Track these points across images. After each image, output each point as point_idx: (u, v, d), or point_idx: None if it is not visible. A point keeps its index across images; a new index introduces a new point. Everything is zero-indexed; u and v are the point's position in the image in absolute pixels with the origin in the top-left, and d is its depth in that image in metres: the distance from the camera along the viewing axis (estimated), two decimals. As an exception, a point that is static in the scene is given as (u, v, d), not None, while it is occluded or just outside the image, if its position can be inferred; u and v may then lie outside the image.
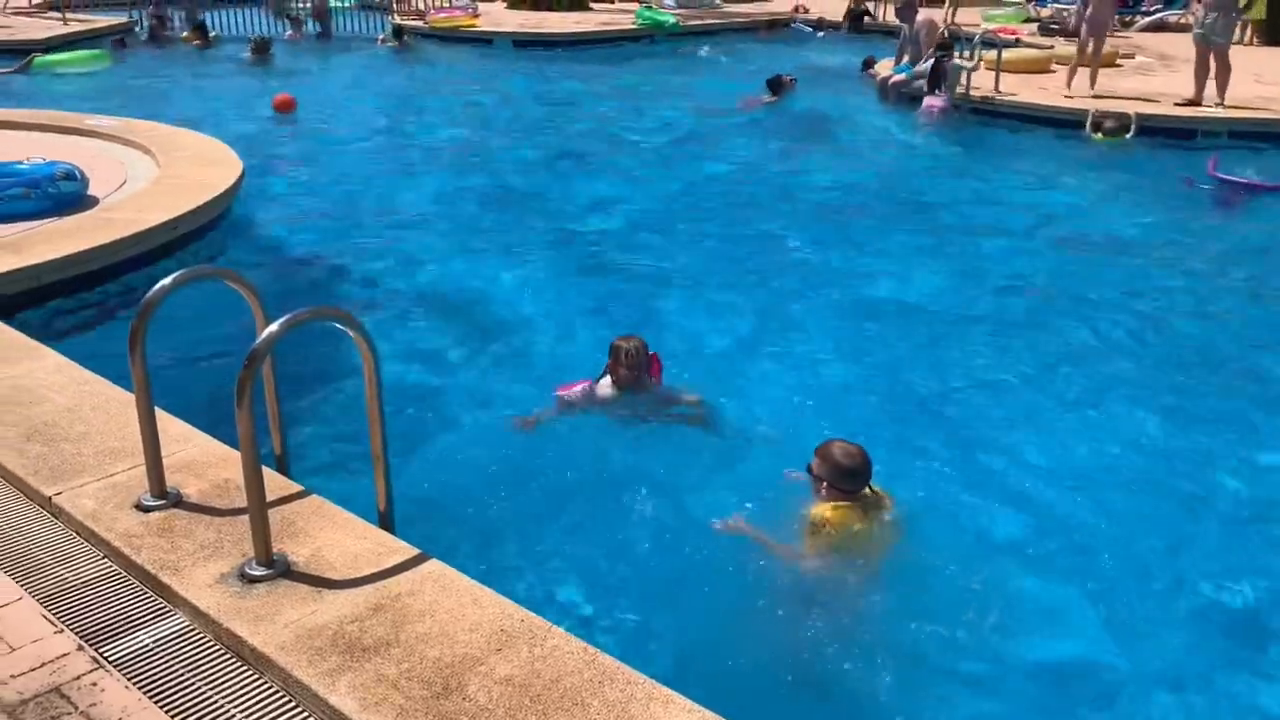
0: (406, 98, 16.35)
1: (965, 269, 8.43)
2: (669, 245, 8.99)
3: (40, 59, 17.29)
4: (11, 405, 4.36)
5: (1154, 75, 15.88)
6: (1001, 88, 14.13)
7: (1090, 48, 14.00)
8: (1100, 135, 12.60)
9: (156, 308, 3.45)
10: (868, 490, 4.41)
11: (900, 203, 10.43)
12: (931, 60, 14.18)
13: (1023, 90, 14.40)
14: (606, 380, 5.53)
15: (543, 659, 2.83)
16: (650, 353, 5.58)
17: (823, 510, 4.32)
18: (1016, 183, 11.26)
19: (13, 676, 2.85)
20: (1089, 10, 14.02)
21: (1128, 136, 12.52)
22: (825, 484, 4.36)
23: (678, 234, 9.35)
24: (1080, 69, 14.02)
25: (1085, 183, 11.30)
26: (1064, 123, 13.24)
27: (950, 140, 13.43)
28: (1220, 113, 12.82)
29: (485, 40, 21.68)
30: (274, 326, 3.11)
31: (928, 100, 14.08)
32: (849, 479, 4.36)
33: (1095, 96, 13.63)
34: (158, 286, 3.44)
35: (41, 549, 3.45)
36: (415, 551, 3.33)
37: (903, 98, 14.92)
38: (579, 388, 5.57)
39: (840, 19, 23.90)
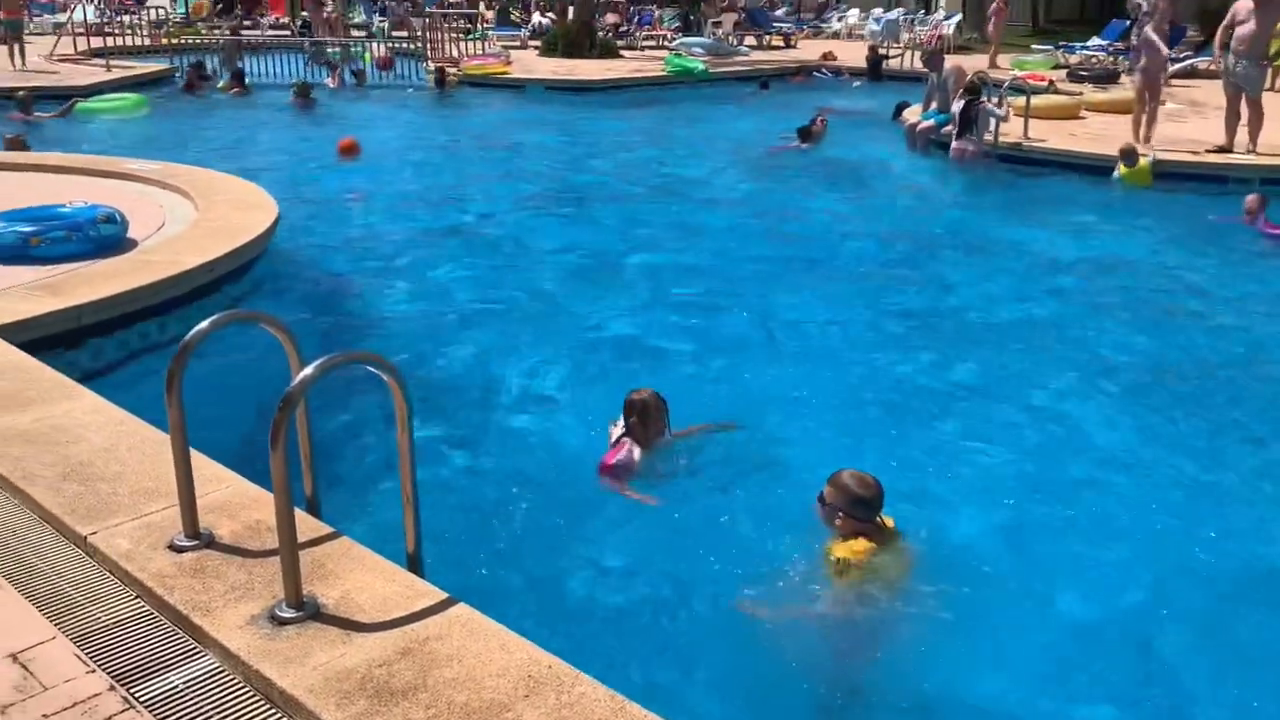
0: (446, 143, 16.58)
1: (992, 313, 8.42)
2: (701, 288, 9.04)
3: (82, 104, 17.69)
4: (49, 444, 4.43)
5: (1185, 121, 15.86)
6: (1031, 134, 14.16)
7: (1146, 97, 13.97)
8: (1124, 169, 12.57)
9: (194, 350, 3.50)
10: (879, 518, 4.43)
11: (928, 248, 10.43)
12: (961, 104, 14.25)
13: (1052, 136, 14.42)
14: (628, 443, 5.33)
15: (570, 706, 2.82)
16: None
17: (845, 548, 4.32)
18: (1046, 228, 11.23)
19: (45, 716, 2.87)
20: (1141, 60, 14.07)
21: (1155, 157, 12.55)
22: (842, 513, 4.36)
23: (710, 276, 9.40)
24: (1141, 118, 13.99)
25: (1115, 229, 11.27)
26: (1094, 168, 13.24)
27: (978, 186, 13.46)
28: (1252, 159, 12.77)
29: (517, 86, 21.98)
30: (309, 370, 3.15)
31: (956, 144, 14.12)
32: (864, 506, 4.38)
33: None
34: (195, 330, 3.50)
35: (76, 588, 3.49)
36: (444, 595, 3.34)
37: (930, 144, 14.97)
38: (621, 456, 5.32)
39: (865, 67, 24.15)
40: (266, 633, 3.15)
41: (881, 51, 25.10)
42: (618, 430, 5.43)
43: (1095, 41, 25.27)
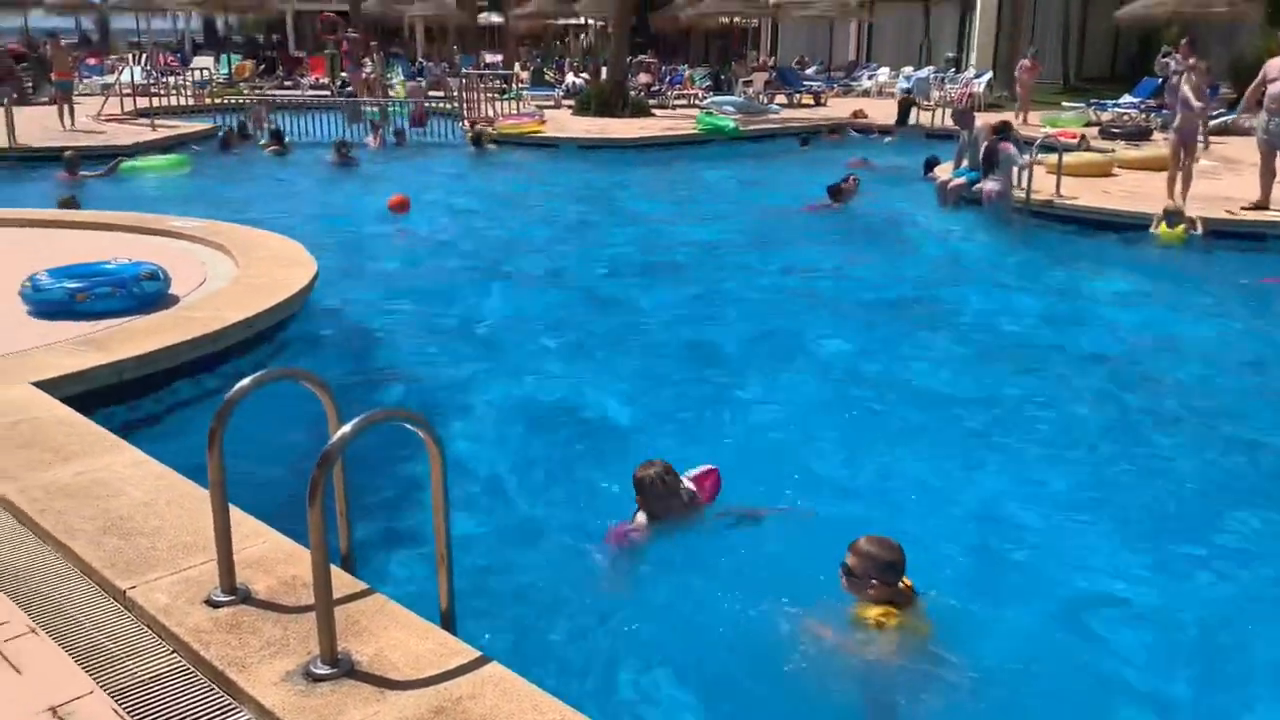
0: (483, 200, 16.79)
1: (1025, 375, 8.36)
2: (735, 349, 9.06)
3: (126, 163, 18.12)
4: (91, 498, 4.50)
5: (1220, 179, 15.82)
6: (1063, 191, 14.17)
7: (1182, 155, 13.96)
8: (1165, 229, 12.52)
9: (235, 407, 3.56)
10: (902, 582, 4.43)
11: (956, 307, 10.42)
12: (985, 145, 14.28)
13: (1085, 193, 14.42)
14: (641, 516, 5.29)
15: (603, 767, 2.81)
16: (702, 470, 5.41)
17: (879, 610, 4.30)
18: (1083, 287, 11.20)
19: (82, 770, 2.90)
20: (1176, 118, 14.10)
21: (1195, 233, 12.46)
22: (875, 580, 4.34)
23: (741, 335, 9.43)
24: (1176, 177, 13.97)
25: (1151, 287, 11.22)
26: (1127, 226, 13.21)
27: (1010, 244, 13.45)
28: (1288, 217, 12.72)
29: (551, 145, 22.30)
30: (347, 428, 3.20)
31: (986, 188, 14.14)
32: (894, 570, 4.39)
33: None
34: (237, 387, 3.56)
35: (114, 642, 3.53)
36: (477, 654, 3.35)
37: (962, 201, 15.01)
38: (627, 530, 5.26)
39: (894, 124, 24.31)
40: (301, 689, 3.16)
41: (913, 98, 25.29)
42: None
43: (1127, 99, 25.33)
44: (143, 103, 24.81)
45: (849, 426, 7.23)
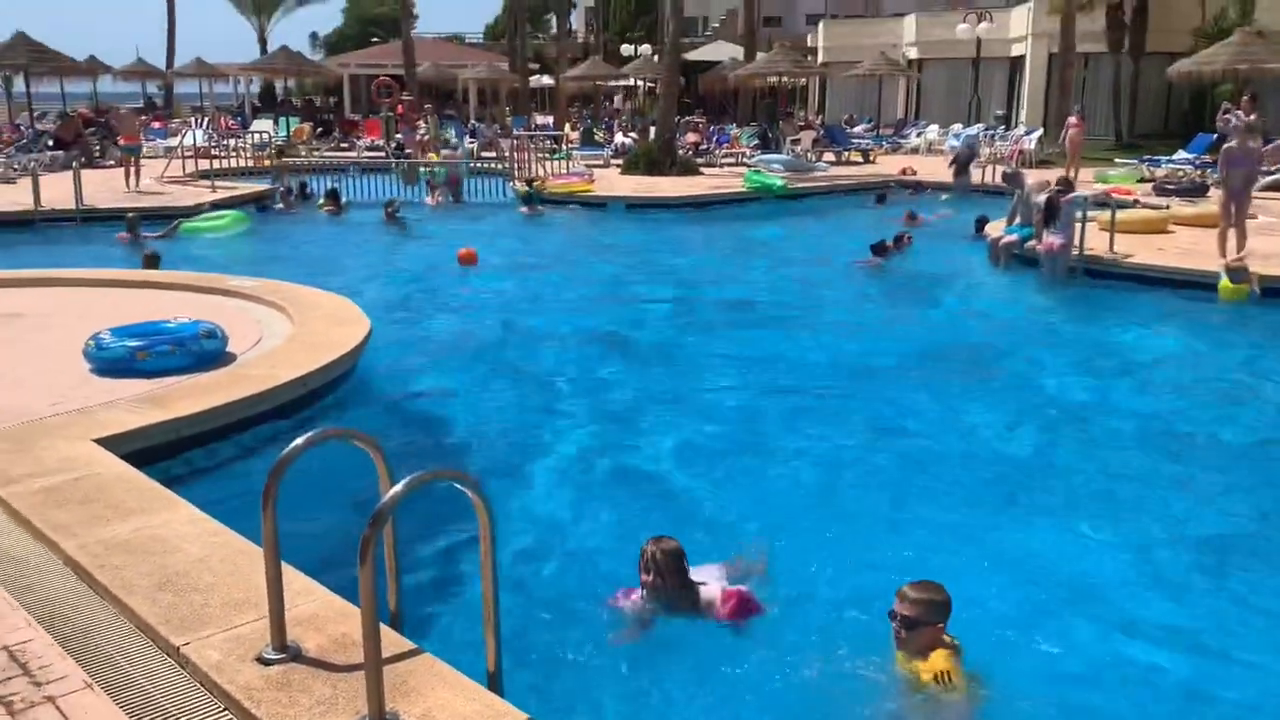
0: (534, 260, 16.99)
1: (1080, 439, 8.23)
2: (780, 406, 9.05)
3: (186, 224, 18.60)
4: (147, 554, 4.57)
5: (1277, 235, 15.59)
6: (1117, 249, 14.05)
7: (1232, 211, 13.80)
8: (1229, 284, 12.32)
9: (290, 466, 3.62)
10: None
11: (1011, 368, 10.31)
12: (1044, 197, 14.17)
13: (1140, 251, 14.27)
14: (638, 592, 5.02)
15: (650, 835, 2.77)
16: (729, 590, 4.98)
17: (939, 658, 4.25)
18: (1138, 346, 11.05)
19: (134, 828, 2.92)
20: (1224, 173, 13.99)
21: (1255, 291, 12.26)
22: (936, 623, 4.30)
23: (786, 395, 9.41)
24: (1228, 233, 13.81)
25: (1211, 345, 11.03)
26: (1184, 283, 13.03)
27: (1064, 303, 13.32)
28: (1350, 273, 12.48)
29: (600, 204, 22.56)
30: (399, 487, 3.24)
31: (1045, 241, 14.02)
32: (948, 611, 4.37)
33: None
34: (291, 446, 3.62)
35: (168, 698, 3.57)
36: (524, 717, 3.33)
37: (1014, 259, 14.92)
38: (628, 600, 5.03)
39: (950, 178, 24.22)
40: (349, 750, 3.17)
41: (974, 151, 25.16)
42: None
43: (1181, 155, 25.13)
44: (204, 164, 25.53)
45: (892, 484, 7.16)
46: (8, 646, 3.92)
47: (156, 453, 6.44)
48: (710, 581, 5.06)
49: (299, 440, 3.68)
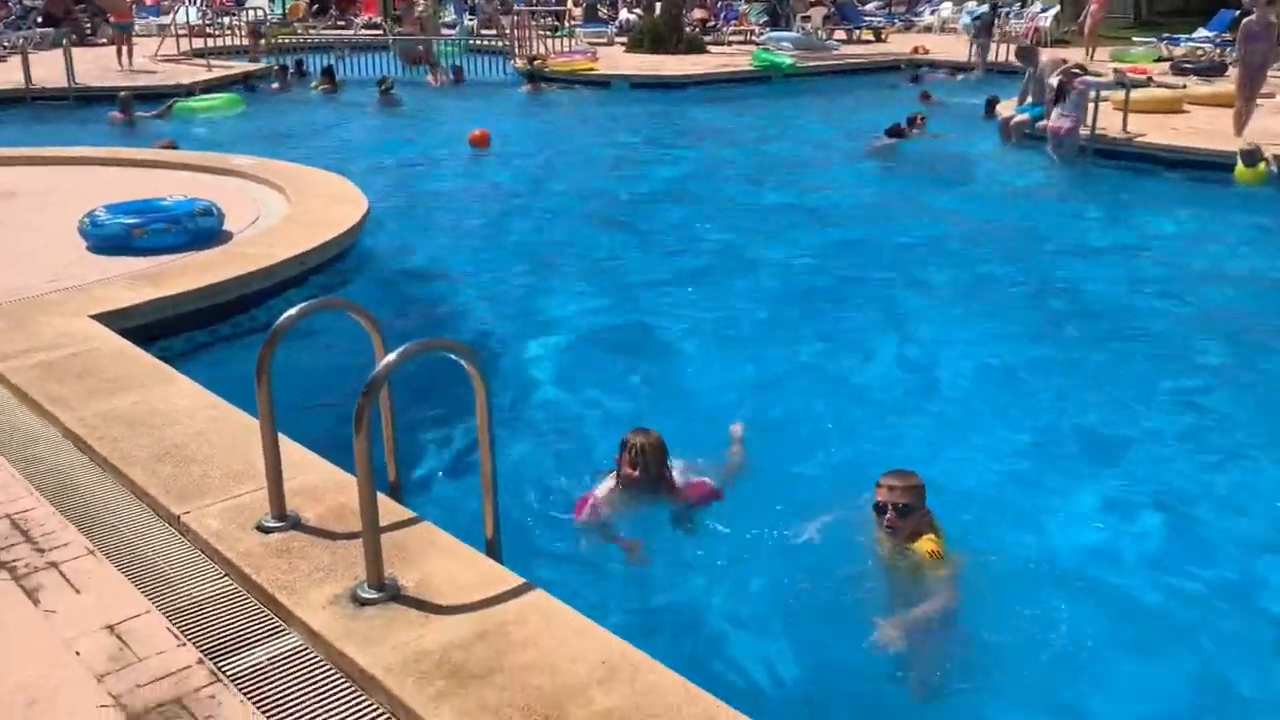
0: (535, 139, 16.69)
1: (1087, 317, 8.17)
2: (783, 286, 8.98)
3: (180, 104, 18.24)
4: (146, 428, 4.58)
5: (1295, 115, 15.24)
6: (1130, 129, 13.75)
7: (1248, 90, 13.45)
8: (1244, 168, 12.07)
9: (283, 337, 3.59)
10: None
11: (1021, 248, 10.20)
12: (1057, 79, 13.83)
13: (1152, 131, 13.97)
14: (610, 479, 4.88)
15: (644, 694, 2.82)
16: (696, 480, 4.94)
17: (928, 541, 4.28)
18: (1150, 227, 10.90)
19: (138, 686, 2.97)
20: (1242, 51, 13.59)
21: (1273, 171, 12.02)
22: (923, 509, 4.32)
23: (795, 275, 9.33)
24: (1242, 111, 13.48)
25: (1227, 227, 10.86)
26: (1198, 164, 12.78)
27: (1072, 184, 13.10)
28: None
29: (603, 84, 22.06)
30: (391, 356, 3.21)
31: (1054, 122, 13.71)
32: (925, 494, 4.40)
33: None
34: (284, 316, 3.59)
35: (169, 565, 3.61)
36: (521, 581, 3.37)
37: (1025, 139, 14.62)
38: (588, 509, 4.81)
39: (968, 60, 23.51)
40: (348, 613, 3.21)
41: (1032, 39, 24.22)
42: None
43: (1201, 33, 24.39)
44: (198, 43, 24.93)
45: (891, 368, 7.14)
46: (10, 515, 3.95)
47: (154, 330, 6.41)
48: (676, 472, 4.95)
49: (291, 311, 3.65)
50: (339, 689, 2.96)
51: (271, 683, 2.99)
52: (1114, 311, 8.36)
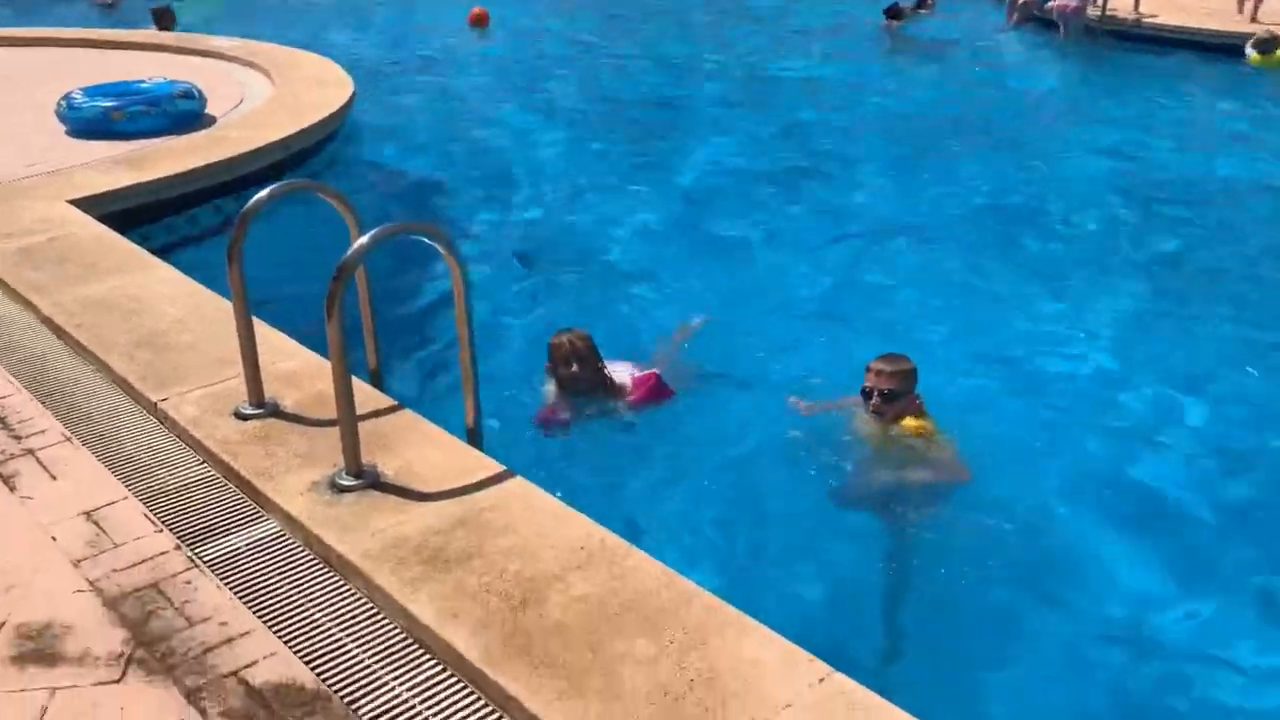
0: (528, 22, 16.20)
1: (1078, 201, 8.02)
2: (773, 164, 8.79)
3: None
4: (125, 314, 4.51)
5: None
6: (1141, 9, 13.33)
7: None
8: (1257, 56, 11.75)
9: (253, 220, 3.49)
10: None
11: (1012, 131, 9.97)
12: None
13: (1163, 12, 13.56)
14: (551, 385, 4.76)
15: (621, 579, 2.80)
16: (642, 374, 4.70)
17: (917, 423, 4.25)
18: (1156, 111, 10.63)
19: (114, 571, 2.96)
20: None
21: None
22: (910, 394, 4.27)
23: (786, 153, 9.14)
24: None
25: (1237, 109, 10.59)
26: (1210, 46, 12.43)
27: (1077, 64, 12.77)
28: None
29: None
30: (363, 240, 3.12)
31: (1059, 0, 13.30)
32: (916, 379, 4.36)
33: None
34: (254, 200, 3.48)
35: (146, 452, 3.57)
36: (501, 468, 3.33)
37: (1033, 20, 14.21)
38: (547, 414, 4.69)
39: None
40: (327, 499, 3.18)
41: None
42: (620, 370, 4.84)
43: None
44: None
45: (886, 245, 7.04)
46: (-13, 402, 3.91)
47: (134, 216, 6.29)
48: (622, 370, 4.81)
49: (262, 193, 3.54)
50: (316, 575, 2.95)
51: (249, 569, 2.97)
52: (1109, 192, 8.21)
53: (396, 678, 2.57)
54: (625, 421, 4.65)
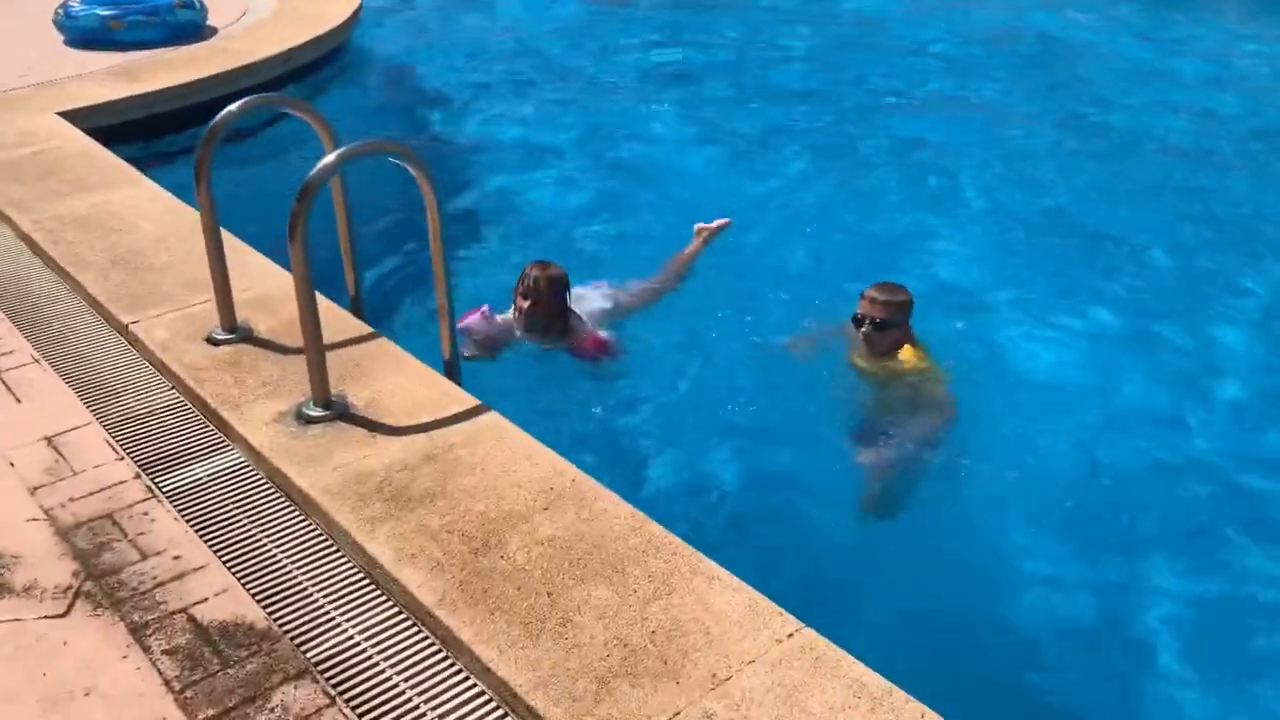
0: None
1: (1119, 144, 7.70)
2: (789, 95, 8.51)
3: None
4: (103, 231, 4.38)
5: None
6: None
7: None
8: None
9: (220, 134, 3.34)
10: None
11: (1067, 69, 9.58)
12: None
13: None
14: (510, 312, 4.44)
15: (589, 522, 2.69)
16: (600, 334, 4.40)
17: (914, 354, 4.10)
18: (1218, 46, 10.16)
19: (71, 499, 2.87)
20: None
21: None
22: (901, 326, 4.11)
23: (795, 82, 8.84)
24: None
25: None
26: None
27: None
28: None
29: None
30: (329, 158, 2.96)
31: None
32: (910, 310, 4.16)
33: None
34: (221, 114, 3.33)
35: (114, 376, 3.47)
36: (475, 402, 3.21)
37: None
38: (476, 315, 4.37)
39: None
40: (292, 431, 3.07)
41: None
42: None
43: None
44: None
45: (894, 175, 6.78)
46: (-43, 320, 3.81)
47: (127, 130, 6.14)
48: (584, 315, 4.51)
49: (232, 106, 3.39)
50: (276, 510, 2.85)
51: (207, 501, 2.87)
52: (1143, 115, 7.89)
53: (349, 619, 2.48)
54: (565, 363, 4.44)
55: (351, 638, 2.43)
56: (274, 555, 2.69)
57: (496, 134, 7.53)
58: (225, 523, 2.79)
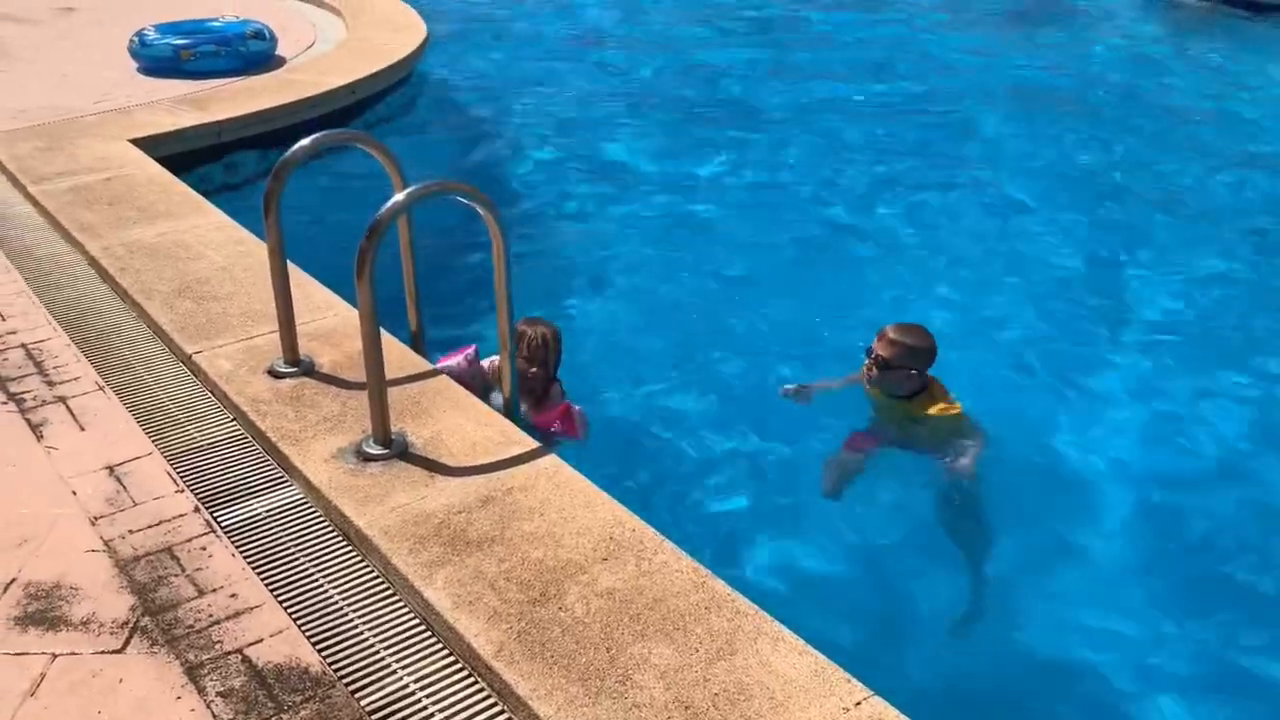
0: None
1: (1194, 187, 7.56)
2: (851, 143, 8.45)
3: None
4: (170, 260, 4.42)
5: None
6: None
7: None
8: None
9: (293, 170, 3.34)
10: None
11: (1124, 104, 9.45)
12: None
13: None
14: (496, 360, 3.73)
15: (649, 575, 2.63)
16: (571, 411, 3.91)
17: (939, 406, 3.99)
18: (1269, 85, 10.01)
19: (130, 531, 2.87)
20: None
21: None
22: (912, 370, 4.01)
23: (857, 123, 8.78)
24: None
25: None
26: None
27: (1200, 33, 12.06)
28: None
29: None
30: (399, 197, 2.95)
31: None
32: (927, 357, 4.03)
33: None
34: (293, 149, 3.33)
35: (177, 406, 3.48)
36: (534, 444, 3.17)
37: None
38: (460, 357, 3.87)
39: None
40: (351, 468, 3.05)
41: None
42: None
43: None
44: None
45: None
46: (26, 344, 3.85)
47: (194, 158, 6.23)
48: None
49: (305, 141, 3.39)
50: (333, 549, 2.82)
51: (265, 537, 2.86)
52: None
53: (405, 666, 2.44)
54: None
55: (406, 685, 2.39)
56: (330, 596, 2.66)
57: (561, 167, 7.54)
58: (281, 562, 2.77)
